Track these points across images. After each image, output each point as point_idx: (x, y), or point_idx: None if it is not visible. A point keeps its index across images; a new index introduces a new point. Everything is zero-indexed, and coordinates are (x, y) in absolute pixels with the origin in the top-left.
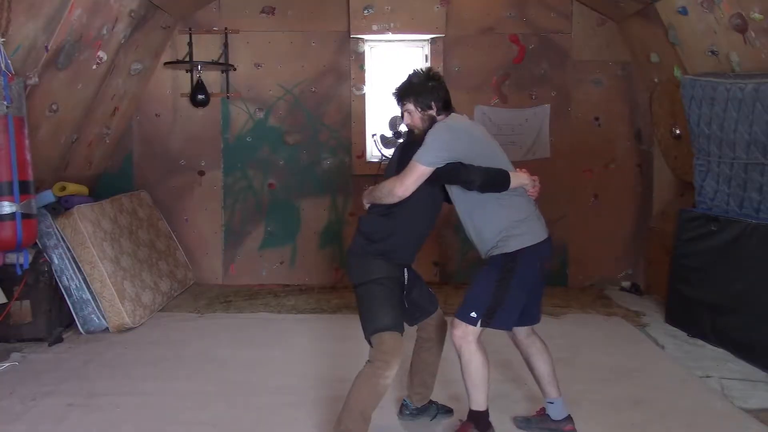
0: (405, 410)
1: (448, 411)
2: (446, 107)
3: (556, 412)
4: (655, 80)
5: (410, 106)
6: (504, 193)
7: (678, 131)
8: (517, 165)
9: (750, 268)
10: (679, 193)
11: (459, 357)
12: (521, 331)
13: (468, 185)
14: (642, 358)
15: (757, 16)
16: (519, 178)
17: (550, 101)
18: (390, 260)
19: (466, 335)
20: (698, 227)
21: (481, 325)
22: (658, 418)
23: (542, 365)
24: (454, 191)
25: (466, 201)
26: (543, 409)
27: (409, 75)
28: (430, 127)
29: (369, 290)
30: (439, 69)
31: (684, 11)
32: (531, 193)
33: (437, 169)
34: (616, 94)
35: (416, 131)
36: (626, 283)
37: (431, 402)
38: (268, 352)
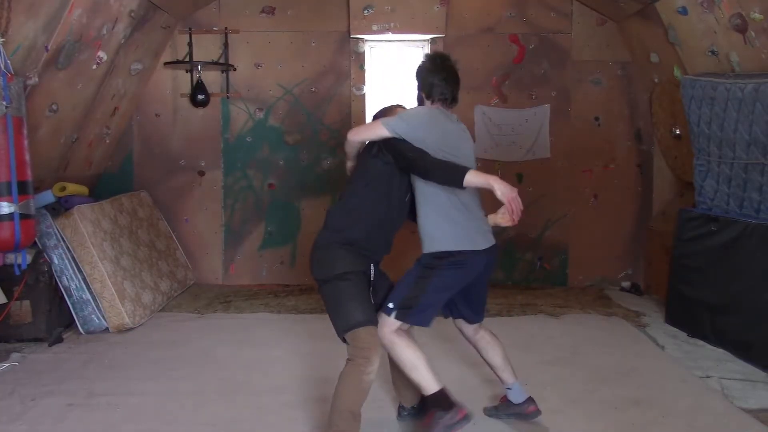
0: (402, 411)
1: None
2: (430, 96)
3: (516, 396)
4: (655, 80)
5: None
6: (457, 195)
7: (678, 131)
8: (518, 165)
9: (750, 268)
10: (679, 193)
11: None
12: (468, 329)
13: (417, 167)
14: (642, 358)
15: (757, 16)
16: (486, 178)
17: (550, 101)
18: (355, 251)
19: (382, 326)
20: (698, 227)
21: (396, 318)
22: (658, 418)
23: (494, 356)
24: (417, 184)
25: (421, 194)
26: (506, 397)
27: (428, 55)
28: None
29: (335, 287)
30: None
31: (684, 11)
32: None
33: (395, 143)
34: (616, 94)
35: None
36: (626, 283)
37: None
38: (268, 352)
